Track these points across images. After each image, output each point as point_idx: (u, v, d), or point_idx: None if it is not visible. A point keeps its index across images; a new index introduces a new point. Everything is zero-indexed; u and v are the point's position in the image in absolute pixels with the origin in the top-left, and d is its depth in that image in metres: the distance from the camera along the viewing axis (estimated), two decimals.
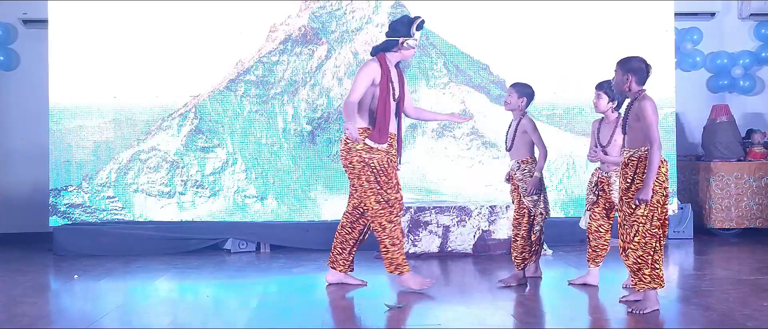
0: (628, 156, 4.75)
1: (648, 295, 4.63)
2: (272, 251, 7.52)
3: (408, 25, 5.45)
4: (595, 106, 5.61)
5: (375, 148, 5.27)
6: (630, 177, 4.69)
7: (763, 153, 8.47)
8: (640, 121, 4.68)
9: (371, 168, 5.29)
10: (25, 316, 4.69)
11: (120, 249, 7.38)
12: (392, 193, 5.34)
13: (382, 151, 5.31)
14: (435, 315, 4.77)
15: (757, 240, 8.01)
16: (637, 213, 4.61)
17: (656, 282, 4.60)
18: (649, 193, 4.56)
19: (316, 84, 7.86)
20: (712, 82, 9.22)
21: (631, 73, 4.78)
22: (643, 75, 4.80)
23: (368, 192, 5.30)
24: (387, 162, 5.35)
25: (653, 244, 4.60)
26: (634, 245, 4.61)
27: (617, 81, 4.85)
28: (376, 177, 5.30)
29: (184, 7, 7.74)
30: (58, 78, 7.65)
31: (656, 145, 4.62)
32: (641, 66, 4.81)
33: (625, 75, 4.79)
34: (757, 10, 9.00)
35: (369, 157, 5.29)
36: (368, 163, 5.29)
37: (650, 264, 4.59)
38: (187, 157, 7.73)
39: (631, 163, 4.72)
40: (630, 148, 4.76)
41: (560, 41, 7.97)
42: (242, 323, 4.51)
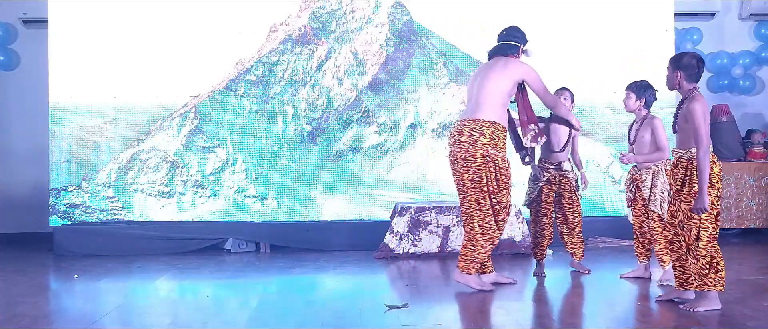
0: (677, 157, 4.69)
1: (710, 296, 4.60)
2: (272, 251, 7.52)
3: (524, 35, 5.51)
4: (625, 106, 5.74)
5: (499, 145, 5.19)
6: (680, 178, 4.63)
7: (763, 153, 8.47)
8: (689, 123, 4.56)
9: (495, 165, 5.18)
10: (25, 316, 4.69)
11: (120, 249, 7.38)
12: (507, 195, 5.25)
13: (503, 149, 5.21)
14: (435, 315, 4.77)
15: (757, 240, 8.01)
16: (695, 217, 4.55)
17: (721, 284, 4.59)
18: (705, 201, 4.47)
19: (316, 84, 7.86)
20: (712, 82, 9.22)
21: (681, 69, 4.66)
22: (694, 72, 4.64)
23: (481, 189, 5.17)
24: (508, 161, 5.27)
25: (716, 246, 4.58)
26: (701, 250, 4.56)
27: (668, 78, 4.76)
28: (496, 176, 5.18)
29: (184, 7, 7.74)
30: (58, 78, 7.65)
31: (704, 147, 4.49)
32: (692, 62, 4.66)
33: (675, 72, 4.70)
34: (757, 10, 9.00)
35: (495, 154, 5.16)
36: (493, 159, 5.16)
37: (716, 266, 4.56)
38: (187, 157, 7.73)
39: (680, 164, 4.65)
40: (679, 148, 4.70)
41: (560, 41, 7.97)
42: (242, 323, 4.51)
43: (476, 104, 5.26)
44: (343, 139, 7.85)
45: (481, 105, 5.23)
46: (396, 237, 7.08)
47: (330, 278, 6.15)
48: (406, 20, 7.94)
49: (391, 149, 7.86)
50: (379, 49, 7.91)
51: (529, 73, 5.32)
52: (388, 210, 7.62)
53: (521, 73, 5.30)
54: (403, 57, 7.92)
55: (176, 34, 7.73)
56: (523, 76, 5.30)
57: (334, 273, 6.31)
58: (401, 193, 7.82)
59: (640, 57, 8.01)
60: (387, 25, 7.93)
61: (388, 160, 7.86)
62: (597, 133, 8.05)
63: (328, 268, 6.51)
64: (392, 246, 7.07)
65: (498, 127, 5.20)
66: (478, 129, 5.17)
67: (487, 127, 5.15)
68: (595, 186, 7.95)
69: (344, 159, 7.84)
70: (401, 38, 7.93)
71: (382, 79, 7.88)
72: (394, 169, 7.84)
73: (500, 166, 5.17)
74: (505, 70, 5.29)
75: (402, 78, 7.91)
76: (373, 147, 7.85)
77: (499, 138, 5.20)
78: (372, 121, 7.86)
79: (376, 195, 7.84)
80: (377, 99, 7.88)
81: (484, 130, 5.16)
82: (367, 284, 6.01)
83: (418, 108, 7.92)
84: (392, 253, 7.04)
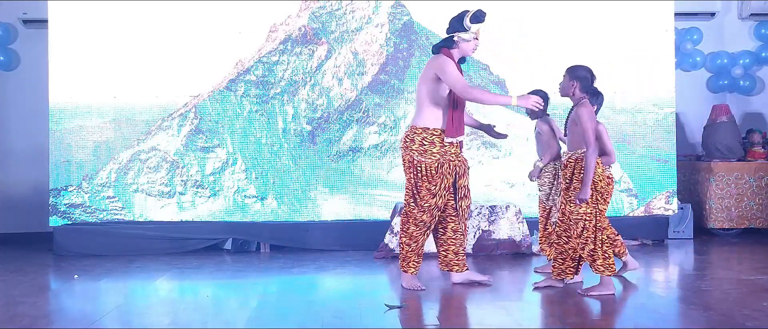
0: (567, 157, 5.20)
1: (604, 281, 5.14)
2: (272, 251, 7.52)
3: (461, 19, 5.37)
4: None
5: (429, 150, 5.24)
6: (568, 177, 5.15)
7: (762, 153, 8.47)
8: (578, 126, 5.10)
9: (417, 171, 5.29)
10: (25, 316, 4.69)
11: (120, 249, 7.38)
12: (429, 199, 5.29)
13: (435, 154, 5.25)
14: (435, 315, 4.77)
15: (757, 240, 8.01)
16: (580, 211, 5.07)
17: (610, 270, 5.10)
18: (587, 192, 5.03)
19: (316, 84, 7.85)
20: (712, 82, 9.22)
21: (577, 80, 5.22)
22: (588, 83, 5.24)
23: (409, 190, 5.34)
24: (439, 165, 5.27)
25: (601, 237, 5.08)
26: (583, 240, 5.08)
27: (563, 85, 5.26)
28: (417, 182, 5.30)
29: (184, 7, 7.74)
30: (58, 78, 7.65)
31: (591, 148, 5.03)
32: (587, 75, 5.25)
33: (572, 81, 5.23)
34: (757, 10, 9.00)
35: (419, 160, 5.27)
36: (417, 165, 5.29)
37: (602, 255, 5.07)
38: (187, 157, 7.73)
39: (569, 164, 5.17)
40: (569, 150, 5.21)
41: (560, 41, 7.97)
42: (242, 323, 4.51)
43: (415, 111, 5.44)
44: (343, 139, 7.85)
45: (416, 112, 5.40)
46: (396, 237, 7.08)
47: (330, 278, 6.15)
48: (406, 20, 7.94)
49: (391, 149, 7.86)
50: (379, 49, 7.91)
51: (440, 66, 5.24)
52: (388, 210, 7.62)
53: (433, 68, 5.28)
54: (403, 57, 7.92)
55: (176, 34, 7.72)
56: (435, 70, 5.26)
57: (334, 273, 6.31)
58: (401, 193, 7.81)
59: (640, 57, 8.01)
60: (387, 25, 7.93)
61: (388, 160, 7.86)
62: None
63: (328, 268, 6.51)
64: (392, 246, 7.07)
65: (431, 132, 5.29)
66: (410, 136, 5.34)
67: (418, 134, 5.29)
68: None
69: (344, 159, 7.84)
70: (401, 38, 7.93)
71: (382, 79, 7.88)
72: (394, 169, 7.84)
73: (422, 172, 5.27)
74: (427, 71, 5.34)
75: (402, 78, 7.91)
76: (373, 147, 7.85)
77: (433, 142, 5.26)
78: (372, 121, 7.86)
79: (376, 195, 7.83)
80: (377, 99, 7.88)
81: (415, 136, 5.31)
82: (367, 284, 6.01)
83: None
84: (392, 253, 7.04)
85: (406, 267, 5.44)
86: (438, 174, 5.28)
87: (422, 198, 5.30)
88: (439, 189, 5.30)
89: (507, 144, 7.79)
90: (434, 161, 5.27)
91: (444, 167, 5.28)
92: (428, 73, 5.32)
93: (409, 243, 5.40)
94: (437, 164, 5.27)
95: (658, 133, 8.04)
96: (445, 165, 5.29)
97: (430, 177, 5.27)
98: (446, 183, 5.32)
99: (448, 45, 5.37)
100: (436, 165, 5.27)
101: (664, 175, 7.99)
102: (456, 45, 5.37)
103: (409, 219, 5.37)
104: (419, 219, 5.34)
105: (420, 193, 5.30)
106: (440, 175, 5.28)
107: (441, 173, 5.28)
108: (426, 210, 5.32)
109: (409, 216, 5.38)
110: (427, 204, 5.30)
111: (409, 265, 5.44)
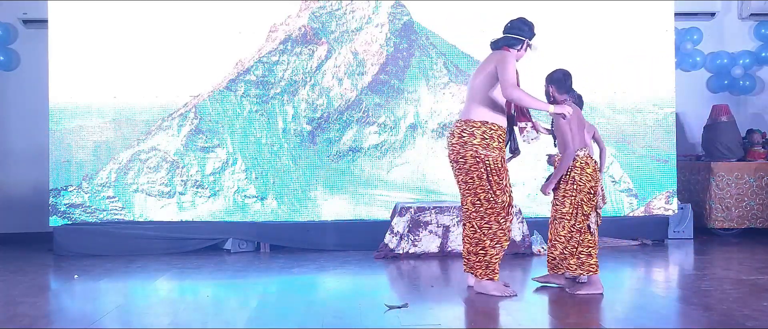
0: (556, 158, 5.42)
1: (592, 280, 5.23)
2: (272, 251, 7.52)
3: (532, 27, 5.34)
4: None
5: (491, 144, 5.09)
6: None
7: (762, 153, 8.47)
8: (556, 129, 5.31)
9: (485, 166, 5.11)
10: (25, 316, 4.69)
11: (120, 249, 7.38)
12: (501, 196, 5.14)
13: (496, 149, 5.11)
14: (435, 315, 4.77)
15: (757, 240, 8.01)
16: (563, 211, 5.25)
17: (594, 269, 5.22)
18: (550, 187, 5.28)
19: (316, 84, 7.85)
20: (712, 82, 9.22)
21: (552, 83, 5.38)
22: (563, 84, 5.37)
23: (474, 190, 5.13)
24: (502, 160, 5.16)
25: (587, 238, 5.22)
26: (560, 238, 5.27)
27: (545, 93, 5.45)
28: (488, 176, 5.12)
29: (184, 7, 7.74)
30: (58, 78, 7.65)
31: (569, 150, 5.22)
32: (560, 76, 5.39)
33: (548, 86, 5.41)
34: (757, 10, 9.01)
35: (486, 154, 5.10)
36: (484, 160, 5.10)
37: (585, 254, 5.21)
38: (187, 157, 7.73)
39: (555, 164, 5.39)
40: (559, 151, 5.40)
41: (560, 41, 7.97)
42: (242, 323, 4.51)
43: (467, 104, 5.24)
44: (343, 139, 7.85)
45: (470, 105, 5.20)
46: (396, 237, 7.08)
47: (330, 278, 6.15)
48: (406, 20, 7.94)
49: (391, 149, 7.86)
50: (379, 49, 7.91)
51: (501, 61, 5.11)
52: (388, 210, 7.62)
53: (494, 62, 5.15)
54: (403, 57, 7.92)
55: (176, 34, 7.73)
56: (496, 63, 5.12)
57: (334, 273, 6.31)
58: (401, 193, 7.82)
59: (640, 57, 8.01)
60: (387, 25, 7.93)
61: (388, 160, 7.86)
62: None
63: (328, 268, 6.51)
64: (392, 246, 7.07)
65: (490, 126, 5.13)
66: (468, 130, 5.14)
67: (478, 128, 5.11)
68: None
69: (344, 159, 7.84)
70: (401, 38, 7.93)
71: (382, 79, 7.88)
72: (394, 169, 7.84)
73: (491, 166, 5.10)
74: (486, 65, 5.20)
75: (402, 78, 7.91)
76: (373, 147, 7.85)
77: (493, 137, 5.11)
78: (372, 121, 7.86)
79: (375, 195, 7.84)
80: (377, 99, 7.88)
81: (474, 130, 5.12)
82: (367, 284, 6.01)
83: (418, 108, 7.92)
84: (392, 253, 7.04)
85: (492, 274, 5.19)
86: (503, 168, 5.15)
87: (495, 193, 5.12)
88: (507, 186, 5.16)
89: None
90: (498, 155, 5.12)
91: (505, 163, 5.20)
92: (488, 66, 5.17)
93: (493, 246, 5.16)
94: (501, 158, 5.14)
95: (658, 133, 8.04)
96: (504, 162, 5.19)
97: (498, 172, 5.11)
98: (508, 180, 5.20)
99: (513, 44, 5.28)
100: (500, 159, 5.13)
101: (664, 175, 7.99)
102: (521, 48, 5.29)
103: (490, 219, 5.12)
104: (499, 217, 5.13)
105: (493, 189, 5.11)
106: (505, 170, 5.16)
107: (505, 168, 5.17)
108: (502, 207, 5.13)
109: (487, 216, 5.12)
110: (503, 200, 5.13)
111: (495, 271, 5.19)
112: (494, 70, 5.12)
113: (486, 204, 5.14)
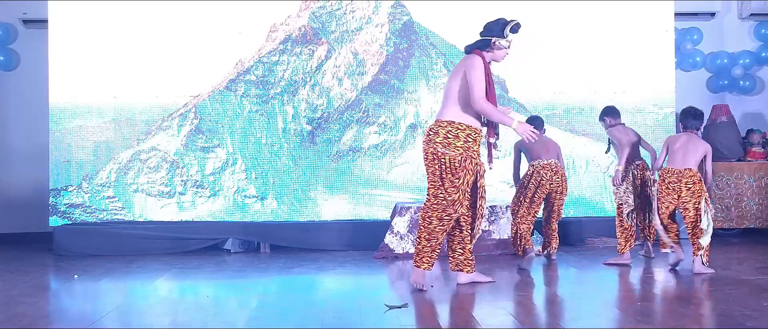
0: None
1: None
2: (272, 251, 7.52)
3: (502, 26, 5.39)
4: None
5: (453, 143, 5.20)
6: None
7: (762, 153, 8.47)
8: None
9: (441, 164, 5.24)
10: (25, 316, 4.68)
11: (120, 249, 7.38)
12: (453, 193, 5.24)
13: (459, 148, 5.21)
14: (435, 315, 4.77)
15: (757, 240, 8.00)
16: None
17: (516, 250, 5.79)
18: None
19: (316, 84, 7.86)
20: (712, 82, 9.22)
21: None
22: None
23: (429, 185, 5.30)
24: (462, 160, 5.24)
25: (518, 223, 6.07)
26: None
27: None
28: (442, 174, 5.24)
29: (184, 7, 7.74)
30: (58, 78, 7.65)
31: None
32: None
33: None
34: (757, 10, 9.00)
35: (443, 152, 5.22)
36: (440, 157, 5.23)
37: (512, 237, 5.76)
38: (187, 157, 7.73)
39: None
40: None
41: (560, 41, 7.97)
42: (242, 323, 4.51)
43: (441, 106, 5.40)
44: (343, 139, 7.85)
45: (443, 106, 5.35)
46: (396, 237, 7.08)
47: (330, 278, 6.15)
48: (406, 20, 7.94)
49: (391, 149, 7.86)
50: (379, 49, 7.91)
51: (470, 67, 5.24)
52: (388, 210, 7.62)
53: (463, 66, 5.27)
54: (403, 57, 7.92)
55: (176, 34, 7.73)
56: (465, 67, 5.26)
57: (334, 273, 6.30)
58: (401, 193, 7.82)
59: (640, 57, 8.01)
60: (387, 25, 7.93)
61: (388, 160, 7.86)
62: (597, 133, 8.04)
63: (328, 268, 6.50)
64: (392, 246, 7.07)
65: (457, 126, 5.25)
66: (434, 129, 5.29)
67: (444, 127, 5.24)
68: (594, 187, 7.96)
69: (344, 159, 7.84)
70: (401, 38, 7.93)
71: (382, 79, 7.88)
72: (394, 169, 7.85)
73: (447, 165, 5.23)
74: (459, 68, 5.33)
75: (402, 78, 7.91)
76: (373, 147, 7.85)
77: (458, 136, 5.22)
78: (372, 121, 7.86)
79: (375, 195, 7.84)
80: (377, 99, 7.88)
81: (439, 129, 5.26)
82: (367, 284, 6.00)
83: (418, 108, 7.92)
84: (392, 253, 7.04)
85: (420, 262, 5.37)
86: (461, 167, 5.23)
87: (446, 191, 5.23)
88: (462, 184, 5.26)
89: (507, 144, 7.79)
90: (458, 154, 5.23)
91: (467, 162, 5.25)
92: (460, 70, 5.31)
93: (428, 239, 5.33)
94: (461, 158, 5.23)
95: (658, 133, 8.04)
96: (467, 161, 5.25)
97: (453, 170, 5.22)
98: (468, 179, 5.28)
99: (483, 47, 5.37)
100: (459, 159, 5.23)
101: None
102: (490, 49, 5.36)
103: (432, 214, 5.28)
104: (443, 213, 5.26)
105: (444, 186, 5.23)
106: (463, 169, 5.24)
107: (464, 167, 5.24)
108: (449, 204, 5.25)
109: (431, 211, 5.29)
110: (451, 198, 5.24)
111: (422, 261, 5.38)
112: (458, 71, 5.30)
113: (433, 200, 5.27)
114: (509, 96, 8.02)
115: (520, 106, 8.02)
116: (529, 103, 8.02)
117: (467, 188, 5.31)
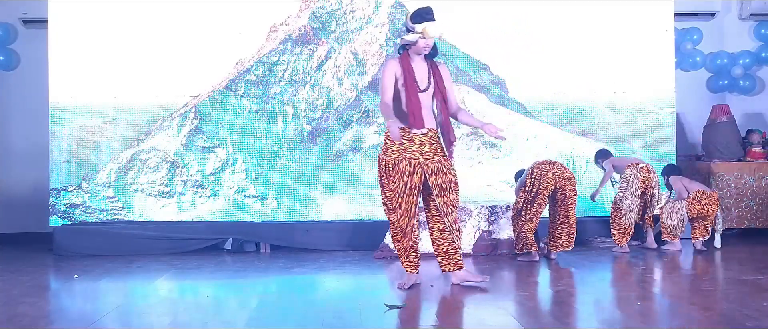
0: None
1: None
2: (272, 251, 7.52)
3: (413, 17, 5.29)
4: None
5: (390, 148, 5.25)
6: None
7: (762, 153, 8.46)
8: None
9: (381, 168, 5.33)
10: (25, 316, 4.68)
11: (120, 249, 7.38)
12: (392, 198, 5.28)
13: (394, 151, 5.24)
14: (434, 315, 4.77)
15: (757, 240, 8.00)
16: None
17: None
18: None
19: (316, 84, 7.86)
20: (712, 82, 9.22)
21: None
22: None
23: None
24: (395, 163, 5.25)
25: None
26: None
27: None
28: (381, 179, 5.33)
29: (184, 7, 7.74)
30: (58, 78, 7.66)
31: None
32: None
33: None
34: (757, 10, 9.00)
35: (380, 156, 5.33)
36: (380, 162, 5.34)
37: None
38: (187, 157, 7.73)
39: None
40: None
41: (560, 41, 7.97)
42: (242, 323, 4.51)
43: None
44: (343, 139, 7.85)
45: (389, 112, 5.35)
46: None
47: (330, 278, 6.15)
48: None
49: None
50: (379, 49, 7.91)
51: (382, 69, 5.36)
52: None
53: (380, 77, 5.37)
54: None
55: (176, 34, 7.73)
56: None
57: (334, 273, 6.31)
58: None
59: (640, 57, 8.01)
60: (387, 25, 7.93)
61: None
62: (597, 133, 8.05)
63: (328, 268, 6.51)
64: (392, 247, 7.06)
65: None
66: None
67: (385, 134, 5.37)
68: (594, 187, 7.95)
69: (344, 159, 7.84)
70: None
71: None
72: None
73: (383, 170, 5.31)
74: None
75: None
76: (373, 147, 7.85)
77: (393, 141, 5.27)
78: (372, 121, 7.86)
79: (376, 195, 7.83)
80: (377, 99, 7.87)
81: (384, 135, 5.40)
82: (367, 284, 6.01)
83: None
84: (392, 253, 7.04)
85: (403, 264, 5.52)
86: (395, 170, 5.24)
87: (386, 195, 5.32)
88: (399, 187, 5.24)
89: (507, 144, 7.80)
90: (392, 158, 5.26)
91: (401, 164, 5.22)
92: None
93: (395, 245, 5.47)
94: (394, 161, 5.25)
95: (658, 133, 8.04)
96: (402, 163, 5.22)
97: (388, 175, 5.27)
98: (407, 181, 5.24)
99: (401, 48, 5.39)
100: (393, 163, 5.25)
101: None
102: (408, 46, 5.32)
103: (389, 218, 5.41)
104: (390, 219, 5.37)
105: (383, 192, 5.33)
106: (397, 172, 5.23)
107: (398, 170, 5.22)
108: (392, 210, 5.31)
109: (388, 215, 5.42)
110: (391, 204, 5.30)
111: (402, 265, 5.51)
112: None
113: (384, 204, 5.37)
114: (509, 96, 8.02)
115: (520, 106, 8.02)
116: (529, 103, 8.02)
117: (410, 192, 5.24)
